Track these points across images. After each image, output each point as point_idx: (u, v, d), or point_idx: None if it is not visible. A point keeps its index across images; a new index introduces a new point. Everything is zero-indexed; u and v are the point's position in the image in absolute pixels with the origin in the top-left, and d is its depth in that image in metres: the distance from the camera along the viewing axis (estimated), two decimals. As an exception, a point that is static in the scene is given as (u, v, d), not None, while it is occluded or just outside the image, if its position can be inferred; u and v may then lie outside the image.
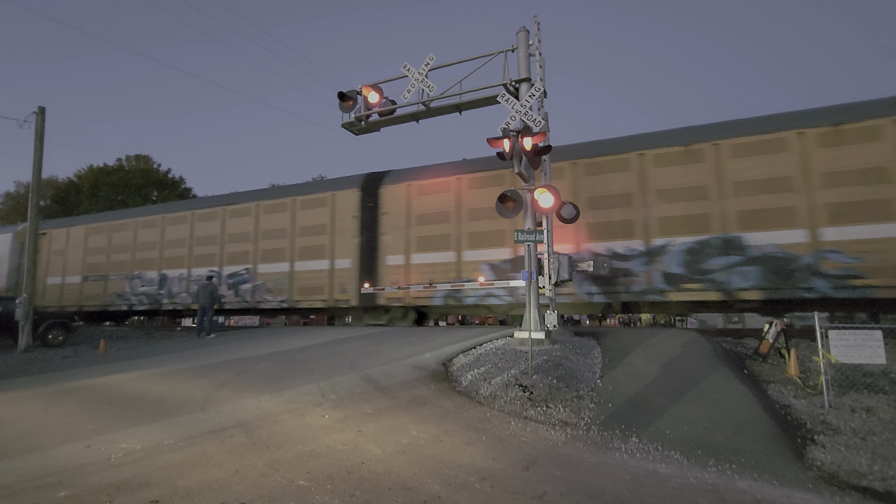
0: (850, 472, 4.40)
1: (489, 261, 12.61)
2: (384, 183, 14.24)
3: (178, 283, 16.91)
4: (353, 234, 14.29)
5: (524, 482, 3.78)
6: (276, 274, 15.28)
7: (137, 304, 17.59)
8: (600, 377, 6.96)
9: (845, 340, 6.15)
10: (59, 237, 19.90)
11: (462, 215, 13.14)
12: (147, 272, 17.60)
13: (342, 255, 14.35)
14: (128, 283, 17.91)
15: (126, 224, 18.65)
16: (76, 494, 3.37)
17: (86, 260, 18.98)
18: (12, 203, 38.24)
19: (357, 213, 14.41)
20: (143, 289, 17.56)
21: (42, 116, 13.40)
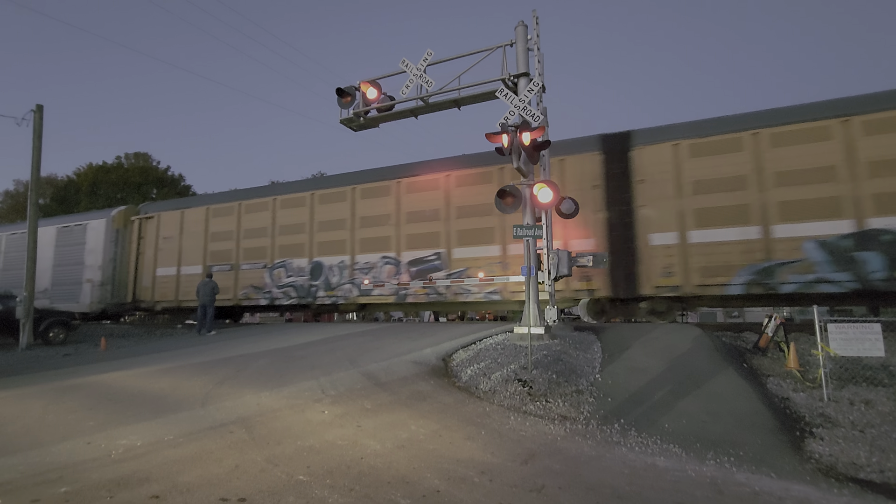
0: (847, 465, 4.41)
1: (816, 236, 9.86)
2: (636, 144, 11.64)
3: (339, 272, 14.33)
4: (595, 207, 11.74)
5: (523, 476, 3.79)
6: (482, 259, 12.74)
7: (282, 297, 15.03)
8: (600, 372, 6.98)
9: (844, 334, 6.16)
10: (171, 221, 17.49)
11: (766, 180, 10.32)
12: (294, 260, 15.09)
13: (580, 235, 11.85)
14: (268, 273, 15.37)
15: (262, 203, 16.03)
16: (77, 490, 3.39)
17: (208, 247, 16.58)
18: (12, 202, 38.26)
19: (599, 182, 11.80)
20: (289, 279, 15.01)
21: (40, 115, 13.38)
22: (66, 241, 18.74)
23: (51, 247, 18.83)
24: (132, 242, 18.14)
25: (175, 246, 17.20)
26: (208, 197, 18.86)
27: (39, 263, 17.98)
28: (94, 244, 18.00)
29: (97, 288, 17.60)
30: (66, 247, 18.69)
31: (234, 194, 17.36)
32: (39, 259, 17.98)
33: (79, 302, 17.67)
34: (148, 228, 18.03)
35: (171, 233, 17.44)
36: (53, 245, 18.84)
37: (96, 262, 17.85)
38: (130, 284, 17.84)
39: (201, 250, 16.71)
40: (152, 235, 17.77)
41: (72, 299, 17.89)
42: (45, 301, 17.86)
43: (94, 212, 19.53)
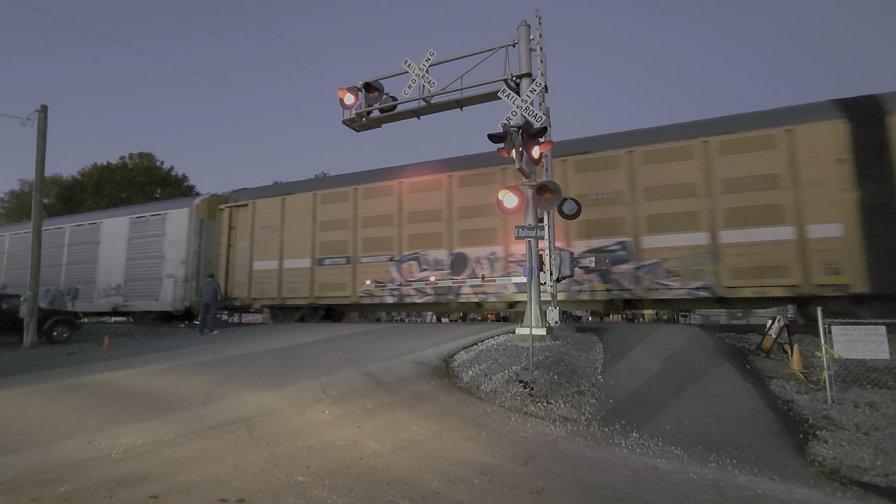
0: (852, 468, 4.37)
1: None
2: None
3: (489, 265, 12.42)
4: (842, 185, 9.98)
5: (523, 477, 3.77)
6: (682, 248, 10.81)
7: (414, 294, 13.10)
8: (601, 373, 6.94)
9: (849, 336, 6.11)
10: (269, 209, 15.62)
11: None
12: (429, 251, 13.07)
13: (821, 218, 10.01)
14: (395, 266, 13.41)
15: (385, 188, 13.95)
16: (76, 489, 3.39)
17: (317, 237, 14.67)
18: (17, 201, 38.48)
19: (846, 156, 10.07)
20: (423, 273, 13.07)
21: (44, 115, 13.44)
22: (141, 233, 17.27)
23: (123, 239, 17.67)
24: (221, 233, 16.32)
25: (276, 237, 15.33)
26: (315, 182, 16.70)
27: (111, 257, 17.64)
28: (175, 235, 16.40)
29: (181, 284, 15.88)
30: (141, 239, 17.26)
31: (348, 178, 15.18)
32: (111, 252, 17.67)
33: (159, 299, 16.27)
34: (240, 217, 16.13)
35: (270, 222, 15.52)
36: (126, 237, 17.56)
37: (179, 255, 16.14)
38: (220, 280, 15.92)
39: (308, 241, 14.75)
40: (246, 225, 15.91)
41: (150, 296, 16.50)
42: (118, 299, 17.06)
43: (173, 200, 18.12)
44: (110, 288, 17.53)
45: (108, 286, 17.66)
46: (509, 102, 8.58)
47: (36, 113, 13.38)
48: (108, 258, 17.87)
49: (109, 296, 17.51)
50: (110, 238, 18.06)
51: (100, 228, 18.32)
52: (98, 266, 17.98)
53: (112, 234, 18.02)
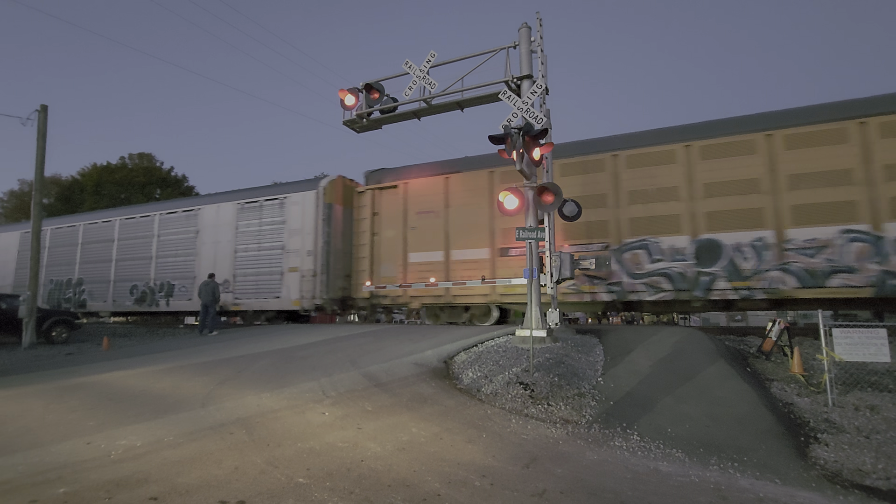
0: (853, 471, 4.36)
1: None
2: None
3: (754, 254, 10.24)
4: None
5: (524, 480, 3.76)
6: None
7: (644, 289, 10.97)
8: (602, 375, 6.93)
9: (849, 338, 6.10)
10: (429, 190, 13.31)
11: None
12: (661, 238, 10.92)
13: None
14: (614, 256, 11.33)
15: (594, 162, 11.76)
16: (75, 491, 3.37)
17: (496, 224, 12.38)
18: (16, 201, 38.42)
19: None
20: (655, 265, 10.91)
21: (44, 115, 13.43)
22: (253, 221, 15.28)
23: (229, 228, 15.56)
24: (362, 220, 14.26)
25: (439, 223, 12.99)
26: (492, 157, 13.00)
27: (215, 248, 15.53)
28: (298, 223, 14.24)
29: (308, 279, 13.81)
30: (254, 227, 15.26)
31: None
32: (215, 243, 15.56)
33: (280, 297, 14.26)
34: (386, 201, 13.99)
35: (430, 206, 13.21)
36: (233, 226, 15.50)
37: (304, 245, 14.06)
38: (364, 274, 13.97)
39: (485, 227, 12.44)
40: (396, 210, 13.70)
41: (268, 293, 14.55)
42: (225, 297, 14.95)
43: (293, 182, 15.52)
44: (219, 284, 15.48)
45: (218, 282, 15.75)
46: (510, 104, 8.58)
47: (36, 113, 13.37)
48: (210, 250, 15.80)
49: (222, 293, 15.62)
50: (212, 227, 15.91)
51: (199, 216, 16.25)
52: (199, 259, 15.93)
53: (215, 222, 15.88)
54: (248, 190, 16.37)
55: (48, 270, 19.15)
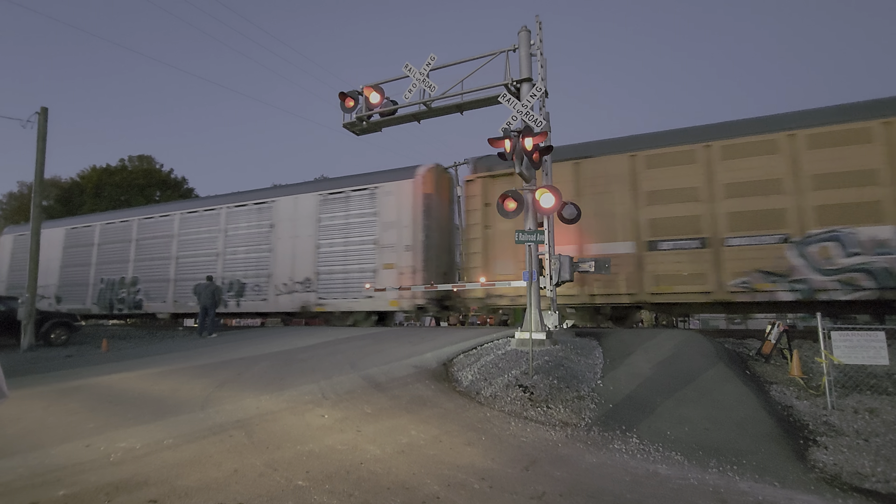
0: (852, 474, 4.37)
1: None
2: None
3: None
4: None
5: (523, 482, 3.76)
6: None
7: (837, 287, 9.65)
8: (601, 378, 6.94)
9: (848, 341, 6.11)
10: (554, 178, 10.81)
11: None
12: (858, 228, 9.60)
13: None
14: (794, 249, 9.96)
15: (759, 143, 10.49)
16: (75, 493, 3.37)
17: (641, 214, 11.17)
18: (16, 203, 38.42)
19: None
20: (852, 259, 9.60)
21: (44, 117, 13.45)
22: (339, 213, 13.99)
23: (310, 221, 14.33)
24: (472, 212, 12.74)
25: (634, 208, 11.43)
26: (630, 140, 11.96)
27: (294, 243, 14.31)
28: (394, 215, 12.91)
29: (407, 277, 12.66)
30: (340, 220, 13.95)
31: (688, 133, 11.35)
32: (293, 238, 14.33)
33: (373, 297, 13.14)
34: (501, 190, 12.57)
35: (604, 186, 11.86)
36: (315, 219, 14.27)
37: (401, 240, 12.84)
38: (475, 271, 12.48)
39: (626, 218, 11.30)
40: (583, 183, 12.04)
41: (358, 293, 13.31)
42: (308, 296, 13.88)
43: (384, 171, 14.05)
44: (294, 282, 14.23)
45: (292, 280, 14.31)
46: (509, 107, 8.60)
47: (36, 115, 13.39)
48: (287, 245, 14.56)
49: (294, 292, 14.25)
50: (289, 220, 14.67)
51: (273, 209, 15.09)
52: (275, 255, 14.71)
53: (292, 214, 14.62)
54: (332, 180, 15.16)
55: (98, 269, 18.26)
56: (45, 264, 19.09)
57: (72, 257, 19.19)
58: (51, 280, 19.10)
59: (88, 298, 18.35)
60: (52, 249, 19.37)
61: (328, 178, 15.46)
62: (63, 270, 19.19)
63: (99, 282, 18.23)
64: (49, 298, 19.10)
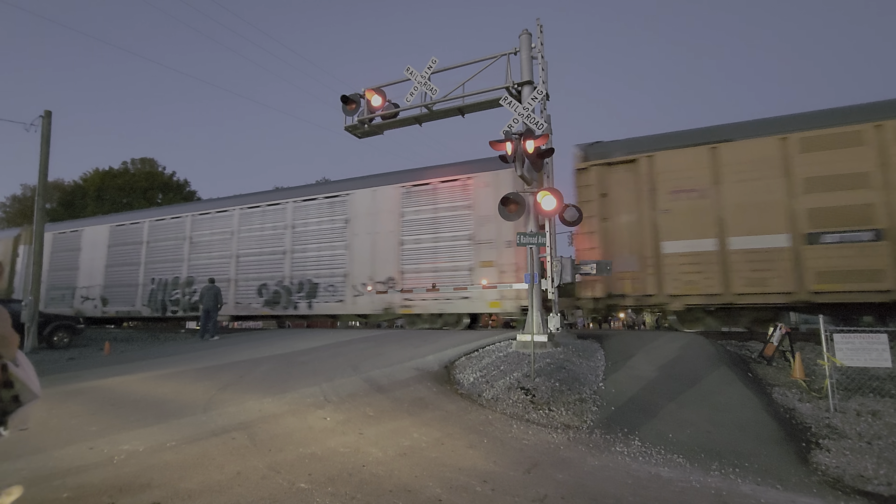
0: (855, 477, 4.36)
1: None
2: None
3: None
4: None
5: (525, 485, 3.76)
6: None
7: None
8: (603, 380, 6.93)
9: (850, 343, 6.11)
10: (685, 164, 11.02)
11: None
12: None
13: None
14: None
15: None
16: (78, 496, 3.39)
17: (798, 202, 10.06)
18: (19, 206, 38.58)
19: None
20: None
21: (48, 120, 13.52)
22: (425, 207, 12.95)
23: (391, 216, 13.33)
24: (586, 203, 11.71)
25: (705, 204, 10.71)
26: (773, 123, 10.76)
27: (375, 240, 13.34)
28: (491, 209, 11.57)
29: (510, 276, 11.78)
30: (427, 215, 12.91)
31: (851, 112, 10.15)
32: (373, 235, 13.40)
33: (469, 297, 12.18)
34: (618, 179, 11.67)
35: (690, 183, 10.90)
36: (397, 213, 13.28)
37: (501, 235, 11.86)
38: None
39: (780, 207, 10.16)
40: (635, 190, 11.39)
41: (453, 293, 12.33)
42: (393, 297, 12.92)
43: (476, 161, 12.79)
44: (375, 282, 13.39)
45: (372, 279, 13.38)
46: (511, 110, 8.64)
47: (40, 118, 13.47)
48: (365, 242, 13.63)
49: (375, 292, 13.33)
50: (367, 214, 13.72)
51: (348, 202, 14.12)
52: (351, 252, 13.77)
53: (370, 208, 13.69)
54: (413, 171, 13.73)
55: (147, 268, 17.32)
56: (88, 263, 18.71)
57: (118, 256, 18.20)
58: (96, 280, 18.25)
59: (138, 300, 17.34)
60: (96, 248, 18.66)
61: (408, 170, 13.85)
62: (109, 270, 18.23)
63: (150, 282, 17.19)
64: (94, 300, 18.29)
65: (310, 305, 14.25)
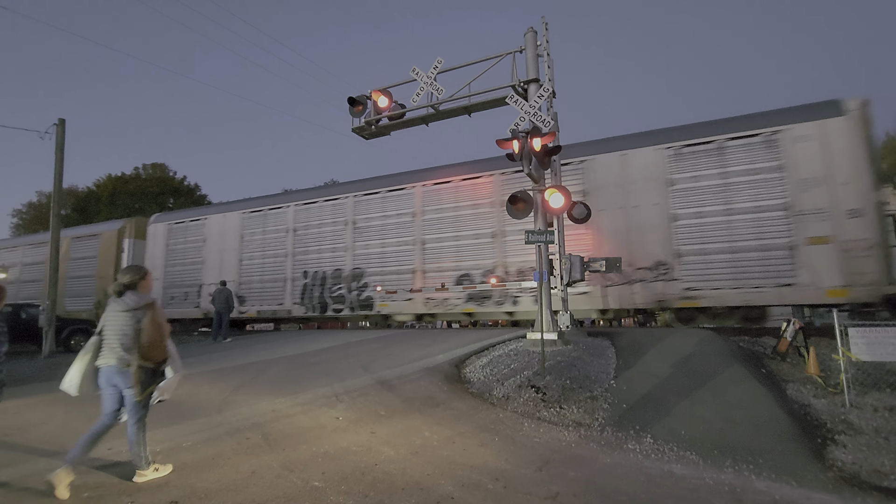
0: (871, 473, 4.31)
1: None
2: None
3: None
4: None
5: (537, 483, 3.77)
6: None
7: None
8: (614, 377, 6.91)
9: (866, 338, 6.03)
10: None
11: None
12: None
13: None
14: None
15: None
16: (99, 495, 3.46)
17: None
18: (35, 212, 39.30)
19: None
20: None
21: (62, 128, 13.75)
22: (707, 172, 10.45)
23: (654, 185, 10.77)
24: None
25: None
26: None
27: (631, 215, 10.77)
28: (816, 169, 9.43)
29: (859, 256, 9.00)
30: (708, 182, 10.43)
31: None
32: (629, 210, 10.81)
33: (794, 283, 9.52)
34: None
35: None
36: (662, 182, 10.72)
37: (838, 203, 9.29)
38: None
39: None
40: None
41: (765, 278, 9.74)
42: (668, 287, 10.38)
43: (779, 111, 10.24)
44: (638, 269, 10.79)
45: (632, 265, 10.74)
46: (517, 108, 8.62)
47: (54, 127, 13.70)
48: (620, 217, 11.09)
49: (642, 281, 10.72)
50: (617, 185, 11.17)
51: (586, 170, 11.57)
52: (599, 233, 11.30)
53: (620, 177, 11.14)
54: (686, 127, 11.01)
55: (295, 260, 14.92)
56: (217, 256, 16.31)
57: (256, 247, 15.77)
58: (228, 276, 15.74)
59: (287, 297, 14.84)
60: (225, 239, 16.29)
61: (679, 126, 11.18)
62: (244, 265, 15.87)
63: (301, 276, 14.72)
64: None
65: None
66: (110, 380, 3.74)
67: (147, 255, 17.84)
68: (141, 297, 3.77)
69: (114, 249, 18.37)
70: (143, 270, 3.98)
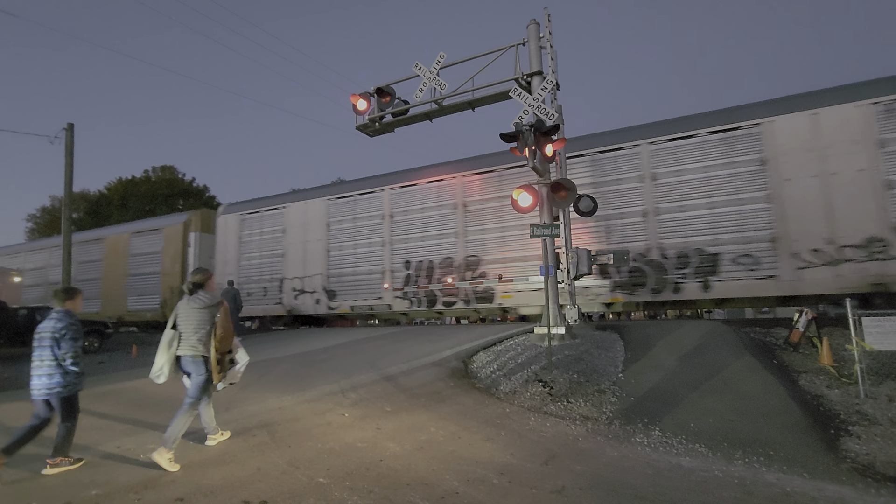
0: (886, 463, 4.22)
1: None
2: None
3: None
4: None
5: (543, 477, 3.74)
6: None
7: None
8: (622, 371, 6.85)
9: (880, 327, 5.90)
10: None
11: None
12: None
13: None
14: None
15: None
16: (107, 493, 3.49)
17: None
18: (48, 217, 39.90)
19: None
20: None
21: (71, 132, 13.92)
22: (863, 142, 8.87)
23: (860, 147, 8.94)
24: None
25: None
26: None
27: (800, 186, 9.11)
28: None
29: None
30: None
31: None
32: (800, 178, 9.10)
33: None
34: None
35: None
36: (870, 142, 8.87)
37: None
38: None
39: None
40: None
41: None
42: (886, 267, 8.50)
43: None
44: (839, 247, 9.01)
45: (831, 242, 9.06)
46: (521, 101, 8.55)
47: (63, 131, 13.88)
48: (798, 188, 9.37)
49: (840, 261, 8.96)
50: (801, 150, 9.42)
51: (755, 137, 9.87)
52: (779, 206, 9.58)
53: (805, 142, 9.38)
54: (869, 83, 9.21)
55: (395, 249, 13.56)
56: (299, 247, 15.02)
57: (345, 236, 14.40)
58: (315, 269, 14.58)
59: (386, 290, 13.71)
60: (309, 229, 14.97)
61: (864, 81, 9.31)
62: (332, 255, 14.48)
63: (402, 266, 13.33)
64: (314, 293, 14.69)
65: (705, 286, 10.01)
66: (186, 367, 4.39)
67: (217, 249, 16.79)
68: (213, 296, 4.36)
69: (179, 245, 17.38)
70: (209, 272, 4.57)
